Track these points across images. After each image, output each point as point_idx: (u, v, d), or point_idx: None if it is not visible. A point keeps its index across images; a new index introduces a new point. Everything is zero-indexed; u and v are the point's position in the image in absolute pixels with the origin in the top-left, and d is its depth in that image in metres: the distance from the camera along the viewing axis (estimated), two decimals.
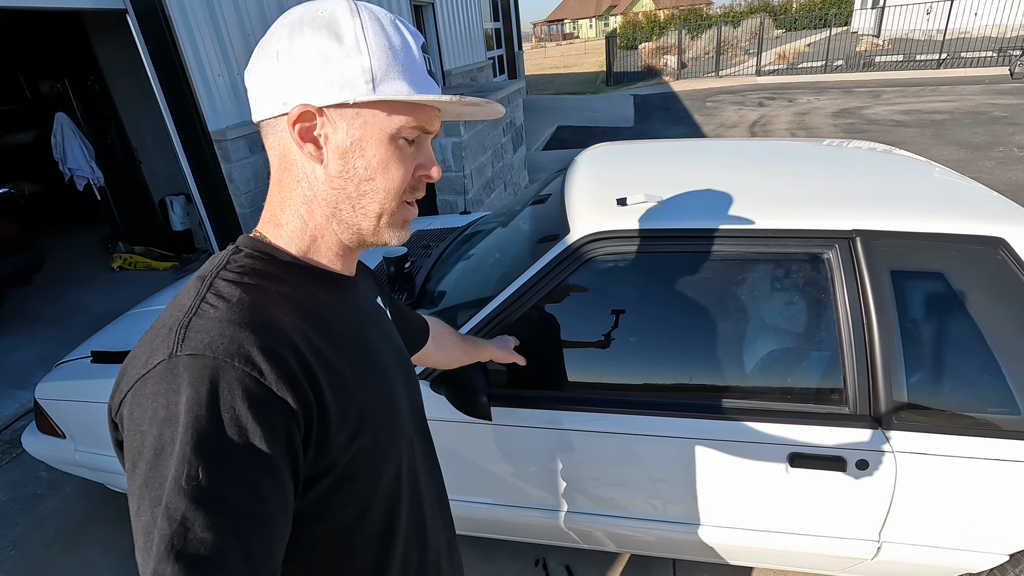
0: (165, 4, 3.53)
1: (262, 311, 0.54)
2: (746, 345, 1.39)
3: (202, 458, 0.46)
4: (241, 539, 0.47)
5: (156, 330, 0.53)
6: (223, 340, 0.50)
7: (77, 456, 1.90)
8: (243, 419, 0.48)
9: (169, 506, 0.45)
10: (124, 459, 0.51)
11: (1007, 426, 1.24)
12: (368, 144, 0.58)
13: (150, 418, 0.48)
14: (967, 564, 1.36)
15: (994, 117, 7.87)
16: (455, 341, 1.18)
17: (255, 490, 0.48)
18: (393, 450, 0.64)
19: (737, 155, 1.96)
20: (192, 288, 0.56)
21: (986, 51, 13.68)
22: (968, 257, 1.26)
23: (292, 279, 0.59)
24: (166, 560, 0.44)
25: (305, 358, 0.53)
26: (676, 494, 1.45)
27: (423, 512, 0.72)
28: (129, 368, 0.52)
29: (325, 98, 0.55)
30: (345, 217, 0.60)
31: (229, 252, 0.60)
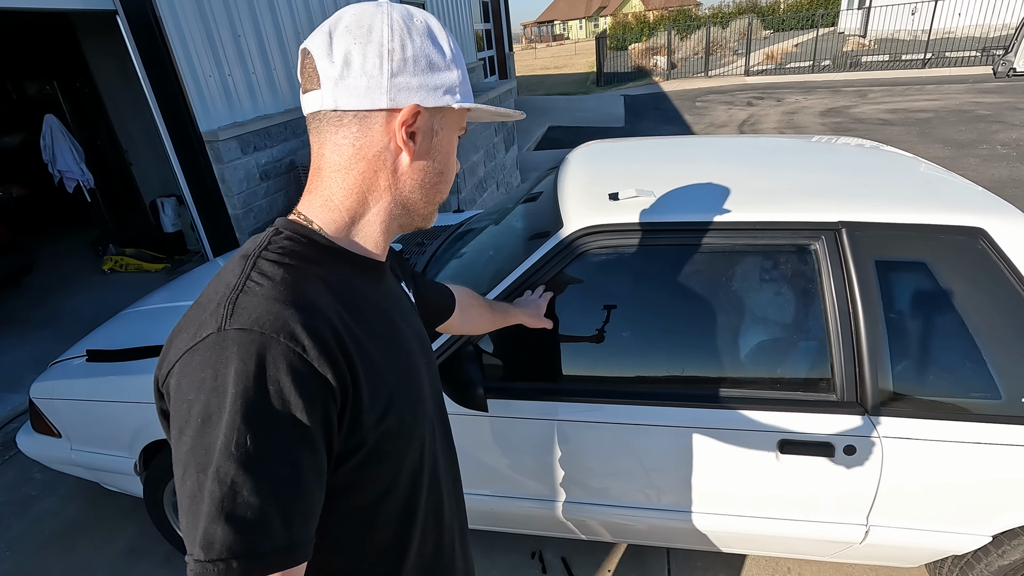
0: (156, 5, 3.53)
1: (303, 291, 0.56)
2: (736, 335, 1.42)
3: (250, 427, 0.48)
4: (282, 506, 0.49)
5: (202, 305, 0.55)
6: (269, 316, 0.52)
7: (73, 455, 1.90)
8: (287, 392, 0.50)
9: (219, 470, 0.47)
10: (170, 427, 0.53)
11: (989, 410, 1.28)
12: (445, 142, 0.66)
13: (198, 387, 0.50)
14: (952, 546, 1.40)
15: (978, 115, 8.00)
16: (483, 309, 1.21)
17: (295, 461, 0.50)
18: (416, 432, 0.67)
19: (725, 151, 1.99)
20: (236, 266, 0.58)
21: (970, 51, 13.88)
22: (950, 247, 1.30)
23: (328, 261, 0.62)
24: (216, 520, 0.47)
25: (342, 338, 0.56)
26: (670, 482, 1.48)
27: (440, 495, 0.74)
28: (176, 341, 0.54)
29: (432, 101, 0.61)
30: (412, 205, 0.67)
31: (270, 233, 0.62)
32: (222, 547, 0.46)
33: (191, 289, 2.34)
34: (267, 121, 4.40)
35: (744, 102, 11.04)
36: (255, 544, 0.47)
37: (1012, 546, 1.37)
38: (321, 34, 0.59)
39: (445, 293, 1.08)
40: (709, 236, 1.38)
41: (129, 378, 1.74)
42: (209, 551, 0.46)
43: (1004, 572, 1.40)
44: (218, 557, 0.46)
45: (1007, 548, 1.38)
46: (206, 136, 3.87)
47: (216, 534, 0.47)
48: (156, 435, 1.73)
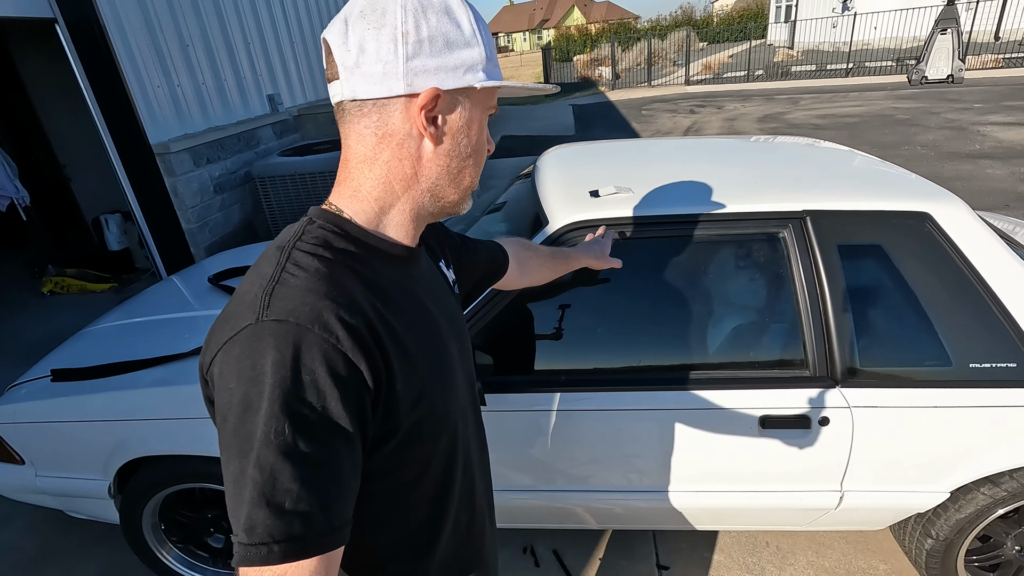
0: (99, 13, 3.39)
1: (337, 282, 0.57)
2: (717, 320, 1.51)
3: (287, 415, 0.50)
4: (319, 492, 0.51)
5: (241, 297, 0.57)
6: (304, 308, 0.53)
7: (38, 482, 1.79)
8: (321, 382, 0.52)
9: (260, 458, 0.49)
10: (215, 414, 0.55)
11: (942, 376, 1.41)
12: (472, 124, 0.63)
13: (237, 377, 0.52)
14: (916, 504, 1.53)
15: (899, 120, 8.65)
16: (542, 258, 1.20)
17: (331, 448, 0.52)
18: (449, 417, 0.68)
19: (688, 151, 2.11)
20: (272, 257, 0.59)
21: (886, 61, 15.00)
22: (901, 230, 1.43)
23: (361, 251, 0.62)
24: (258, 506, 0.49)
25: (375, 327, 0.57)
26: (661, 465, 1.55)
27: (472, 475, 0.76)
28: (217, 331, 0.56)
29: (452, 82, 0.59)
30: (440, 191, 0.65)
31: (304, 223, 0.63)
32: (264, 531, 0.49)
33: (151, 306, 2.26)
34: (220, 132, 4.28)
35: (687, 110, 11.51)
36: (294, 529, 0.49)
37: (967, 500, 1.51)
38: (338, 22, 0.59)
39: (496, 251, 1.05)
40: (688, 228, 1.47)
41: (102, 396, 1.67)
42: (252, 535, 0.49)
43: (961, 525, 1.54)
44: (260, 541, 0.48)
45: (962, 503, 1.51)
46: (156, 148, 3.74)
47: (258, 518, 0.49)
48: (132, 454, 1.66)
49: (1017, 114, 8.34)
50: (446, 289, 0.79)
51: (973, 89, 10.79)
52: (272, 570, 0.49)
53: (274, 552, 0.48)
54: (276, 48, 5.42)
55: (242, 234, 4.50)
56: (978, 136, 7.26)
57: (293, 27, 5.78)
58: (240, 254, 2.74)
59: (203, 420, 1.61)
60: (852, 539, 1.97)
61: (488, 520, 0.84)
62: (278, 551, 0.48)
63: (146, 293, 2.49)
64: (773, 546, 1.97)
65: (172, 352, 1.76)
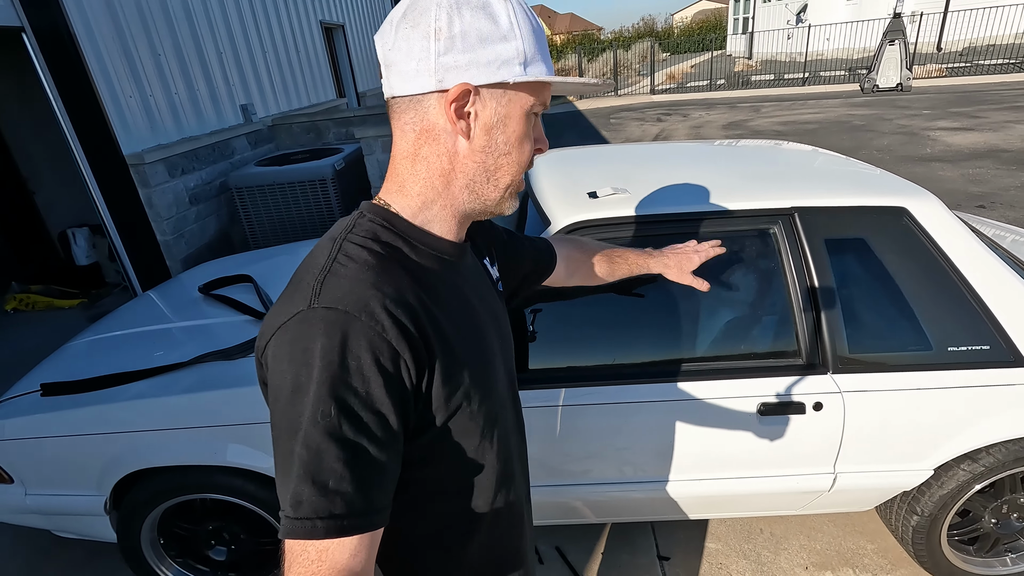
0: (70, 22, 3.32)
1: (384, 273, 0.59)
2: (714, 313, 1.58)
3: (333, 399, 0.52)
4: (361, 473, 0.53)
5: (296, 284, 0.60)
6: (352, 296, 0.56)
7: (27, 501, 1.73)
8: (366, 367, 0.54)
9: (307, 437, 0.52)
10: (267, 396, 0.58)
11: (923, 360, 1.51)
12: (510, 121, 0.62)
13: (288, 360, 0.54)
14: (903, 482, 1.61)
15: (855, 126, 9.05)
16: (596, 259, 1.13)
17: (372, 433, 0.54)
18: (489, 410, 0.69)
19: (674, 154, 2.19)
20: (325, 248, 0.62)
21: (839, 71, 15.68)
22: (882, 224, 1.53)
23: (408, 244, 0.64)
24: (304, 482, 0.52)
25: (419, 318, 0.59)
26: (664, 456, 1.60)
27: (513, 469, 0.77)
28: (272, 316, 0.59)
29: (484, 77, 0.58)
30: (477, 188, 0.65)
31: (355, 216, 0.66)
32: (308, 507, 0.51)
33: (135, 320, 2.20)
34: (194, 143, 4.21)
35: (654, 118, 11.79)
36: (336, 507, 0.52)
37: (948, 476, 1.60)
38: (386, 23, 0.61)
39: (543, 250, 1.04)
40: (685, 226, 1.54)
41: (97, 408, 1.63)
42: (297, 509, 0.52)
43: (943, 501, 1.63)
44: (305, 516, 0.51)
45: (944, 479, 1.61)
46: (130, 159, 3.66)
47: (303, 494, 0.51)
48: (130, 467, 1.63)
49: (963, 120, 8.83)
50: (490, 286, 0.80)
51: (921, 97, 11.37)
52: (315, 545, 0.51)
53: (317, 527, 0.51)
54: (249, 58, 5.36)
55: (218, 245, 4.42)
56: (929, 141, 7.66)
57: (265, 37, 5.73)
58: (221, 265, 2.69)
59: (204, 430, 1.59)
60: (840, 522, 2.06)
61: (526, 513, 0.85)
62: (321, 527, 0.51)
63: (125, 307, 2.43)
64: (767, 532, 2.04)
65: (167, 363, 1.74)
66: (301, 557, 0.51)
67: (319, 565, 0.51)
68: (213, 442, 1.59)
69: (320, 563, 0.51)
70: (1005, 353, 1.49)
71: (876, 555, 1.93)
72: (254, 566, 1.84)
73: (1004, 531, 1.75)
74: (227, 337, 1.86)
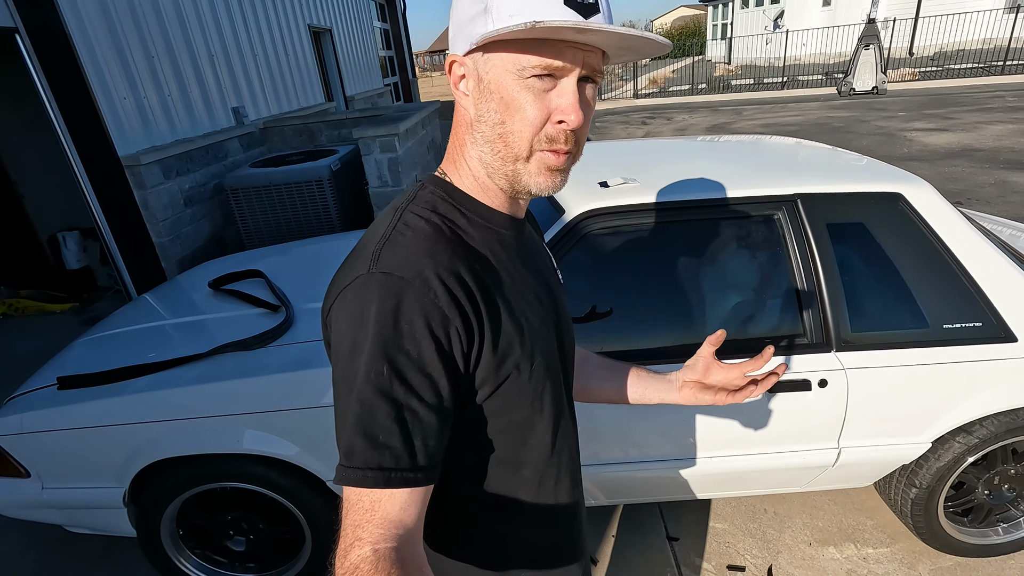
0: (65, 24, 3.30)
1: (440, 241, 0.61)
2: (723, 295, 1.65)
3: (386, 359, 0.55)
4: (409, 430, 0.56)
5: (359, 250, 0.63)
6: (408, 263, 0.58)
7: (44, 495, 1.73)
8: (417, 331, 0.56)
9: (361, 393, 0.55)
10: (330, 355, 0.61)
11: (921, 337, 1.59)
12: (496, 87, 0.59)
13: (348, 320, 0.58)
14: (902, 455, 1.69)
15: (833, 127, 9.29)
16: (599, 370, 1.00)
17: (420, 393, 0.56)
18: (541, 383, 0.69)
19: (674, 149, 2.27)
20: (387, 217, 0.65)
21: (816, 75, 16.06)
22: (880, 209, 1.61)
23: (463, 214, 0.66)
24: (356, 434, 0.55)
25: (470, 288, 0.60)
26: (678, 435, 1.66)
27: (565, 444, 0.77)
28: (338, 278, 0.62)
29: (463, 45, 0.60)
30: (488, 160, 0.63)
31: (417, 188, 0.68)
32: (360, 458, 0.54)
33: (143, 316, 2.20)
34: (188, 145, 4.20)
35: (639, 121, 11.97)
36: (384, 460, 0.54)
37: (945, 449, 1.69)
38: None
39: None
40: (694, 212, 1.60)
41: (120, 399, 1.64)
42: (350, 459, 0.55)
43: (940, 473, 1.71)
44: (356, 465, 0.54)
45: (941, 452, 1.69)
46: (125, 161, 3.64)
47: (356, 445, 0.54)
48: (150, 458, 1.64)
49: (937, 121, 9.12)
50: (549, 265, 0.80)
51: (896, 99, 11.71)
52: (369, 494, 0.54)
53: (367, 477, 0.54)
54: (239, 61, 5.36)
55: (212, 247, 4.40)
56: (905, 141, 7.90)
57: (255, 41, 5.73)
58: (220, 264, 2.69)
59: (229, 418, 1.61)
60: (840, 500, 2.14)
61: (577, 488, 0.83)
62: (371, 476, 0.54)
63: (129, 306, 2.42)
64: (771, 512, 2.11)
65: (183, 355, 1.75)
66: (357, 505, 0.54)
67: (372, 513, 0.54)
68: (232, 430, 1.61)
69: (373, 512, 0.54)
70: (996, 329, 1.58)
71: (875, 530, 2.01)
72: (272, 557, 1.86)
73: (996, 501, 1.84)
74: (243, 329, 1.88)
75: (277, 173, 4.17)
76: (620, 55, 0.61)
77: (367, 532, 0.53)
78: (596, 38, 0.55)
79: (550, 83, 0.58)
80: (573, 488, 0.80)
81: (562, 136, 0.59)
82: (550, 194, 0.64)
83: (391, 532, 0.54)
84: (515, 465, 0.71)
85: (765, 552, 1.95)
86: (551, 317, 0.73)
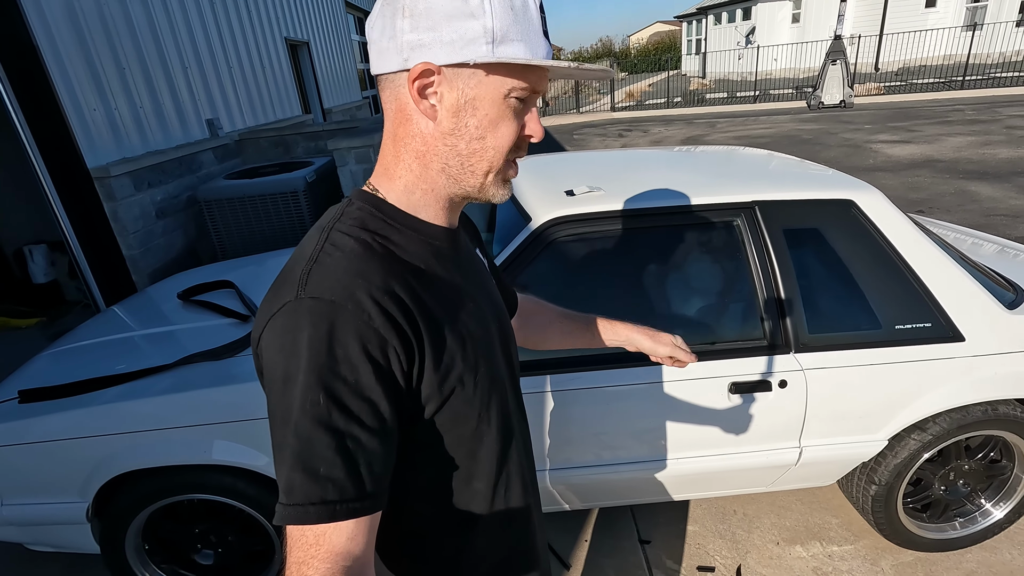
0: (32, 33, 3.27)
1: (371, 261, 0.59)
2: (687, 299, 1.70)
3: (322, 387, 0.53)
4: (351, 460, 0.54)
5: (285, 275, 0.60)
6: (338, 286, 0.56)
7: (3, 512, 1.69)
8: (353, 356, 0.54)
9: (297, 426, 0.53)
10: (263, 385, 0.60)
11: (874, 338, 1.65)
12: (481, 104, 0.59)
13: (278, 350, 0.55)
14: (861, 453, 1.75)
15: (803, 139, 9.56)
16: (551, 318, 1.07)
17: (361, 419, 0.55)
18: (487, 394, 0.68)
19: (640, 159, 2.33)
20: (313, 238, 0.63)
21: (786, 89, 16.52)
22: (833, 215, 1.68)
23: (395, 229, 0.64)
24: (295, 470, 0.53)
25: (407, 306, 0.59)
26: (647, 436, 1.69)
27: (515, 453, 0.76)
28: (265, 305, 0.60)
29: (446, 57, 0.57)
30: (454, 173, 0.63)
31: (344, 205, 0.66)
32: (300, 493, 0.52)
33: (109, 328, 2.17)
34: (160, 157, 4.16)
35: (616, 134, 12.16)
36: (328, 493, 0.52)
37: (901, 446, 1.74)
38: (376, 5, 0.61)
39: (510, 292, 0.98)
40: (658, 219, 1.65)
41: (84, 411, 1.62)
42: (290, 496, 0.53)
43: (898, 469, 1.77)
44: (297, 502, 0.52)
45: (898, 448, 1.75)
46: (95, 172, 3.59)
47: (295, 481, 0.52)
48: (116, 470, 1.61)
49: (901, 133, 9.44)
50: (485, 272, 0.80)
51: (862, 112, 12.09)
52: (312, 529, 0.52)
53: (309, 513, 0.52)
54: (215, 73, 5.34)
55: (184, 260, 4.35)
56: (871, 152, 8.16)
57: (231, 52, 5.71)
58: (191, 276, 2.67)
59: (195, 428, 1.60)
60: (806, 500, 2.19)
61: (535, 507, 0.83)
62: (313, 512, 0.52)
63: (95, 319, 2.38)
64: (740, 513, 2.15)
65: (152, 365, 1.73)
66: (300, 541, 0.53)
67: (317, 548, 0.52)
68: (201, 441, 1.60)
69: (318, 547, 0.52)
70: (944, 330, 1.65)
71: (840, 528, 2.06)
72: (242, 569, 1.84)
73: (952, 497, 1.90)
74: (213, 340, 1.87)
75: (252, 185, 4.15)
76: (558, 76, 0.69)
77: (313, 569, 0.52)
78: (557, 69, 0.61)
79: (524, 105, 0.62)
80: (524, 494, 0.79)
81: (525, 146, 0.65)
82: (502, 202, 0.67)
83: (339, 565, 0.52)
84: (467, 477, 0.70)
85: (734, 552, 1.99)
86: (493, 325, 0.72)
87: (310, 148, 5.35)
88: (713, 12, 23.58)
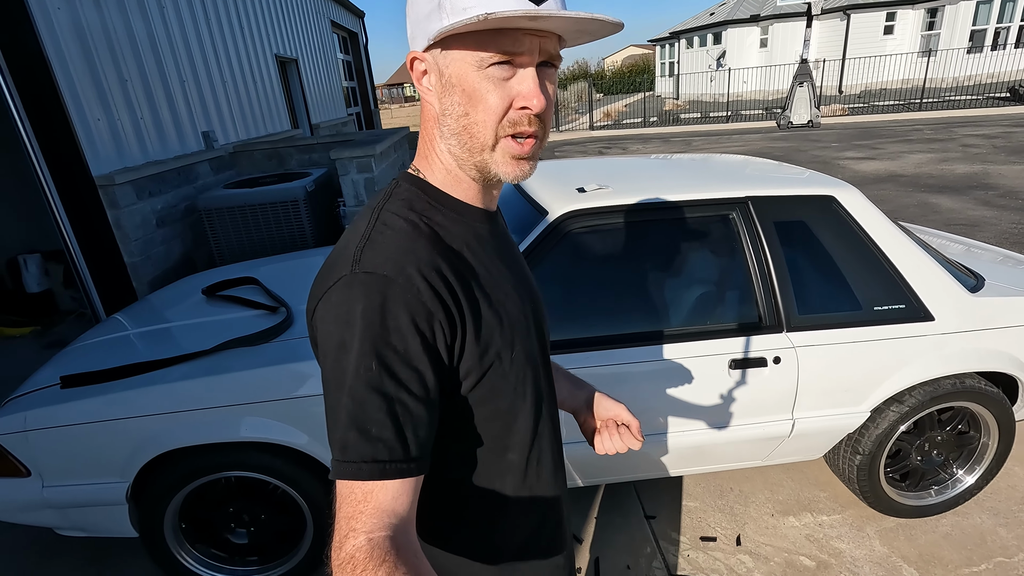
0: (44, 49, 3.34)
1: (419, 239, 0.63)
2: (690, 285, 1.87)
3: (374, 355, 0.57)
4: (400, 423, 0.58)
5: (340, 251, 0.65)
6: (390, 262, 0.60)
7: (45, 494, 1.75)
8: (403, 327, 0.58)
9: (352, 389, 0.57)
10: (318, 354, 0.64)
11: (856, 318, 1.84)
12: (458, 80, 0.60)
13: (333, 320, 0.59)
14: (846, 424, 1.93)
15: (776, 156, 10.00)
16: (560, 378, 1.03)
17: (409, 386, 0.58)
18: (521, 368, 0.71)
19: (640, 163, 2.52)
20: (366, 216, 0.68)
21: (757, 109, 17.21)
22: (817, 209, 1.88)
23: (438, 209, 0.68)
24: (350, 429, 0.57)
25: (451, 283, 0.62)
26: (654, 409, 1.84)
27: (547, 426, 0.80)
28: (319, 281, 0.64)
29: (422, 41, 0.61)
30: (456, 152, 0.65)
31: (392, 186, 0.70)
32: (354, 451, 0.56)
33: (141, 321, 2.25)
34: (160, 167, 4.23)
35: (595, 151, 12.50)
36: (378, 453, 0.56)
37: (881, 417, 1.93)
38: None
39: None
40: (661, 213, 1.83)
41: (126, 393, 1.71)
42: (345, 453, 0.57)
43: (879, 439, 1.95)
44: (351, 459, 0.56)
45: (879, 420, 1.94)
46: (99, 181, 3.65)
47: (350, 440, 0.56)
48: (156, 450, 1.70)
49: (866, 151, 9.95)
50: (519, 255, 0.84)
51: (829, 132, 12.68)
52: (361, 486, 0.56)
53: (362, 470, 0.56)
54: (210, 87, 5.44)
55: (182, 268, 4.39)
56: (840, 168, 8.60)
57: (225, 68, 5.82)
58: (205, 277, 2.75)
59: (239, 407, 1.70)
60: (797, 476, 2.36)
61: (561, 473, 0.86)
62: (365, 469, 0.56)
63: (114, 317, 2.45)
64: (736, 490, 2.31)
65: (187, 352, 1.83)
66: (349, 498, 0.56)
67: (365, 504, 0.55)
68: (243, 419, 1.70)
69: (366, 503, 0.55)
70: (917, 311, 1.85)
71: (828, 500, 2.24)
72: (273, 547, 1.92)
73: (927, 466, 2.09)
74: (244, 330, 1.97)
75: (253, 194, 4.24)
76: (576, 38, 0.64)
77: (361, 523, 0.54)
78: (550, 24, 0.57)
79: (510, 71, 0.60)
80: (555, 468, 0.83)
81: (525, 119, 0.61)
82: (519, 181, 0.66)
83: (385, 521, 0.55)
84: (502, 450, 0.73)
85: (733, 524, 2.14)
86: (527, 306, 0.75)
87: (303, 160, 5.46)
88: (685, 36, 24.47)
